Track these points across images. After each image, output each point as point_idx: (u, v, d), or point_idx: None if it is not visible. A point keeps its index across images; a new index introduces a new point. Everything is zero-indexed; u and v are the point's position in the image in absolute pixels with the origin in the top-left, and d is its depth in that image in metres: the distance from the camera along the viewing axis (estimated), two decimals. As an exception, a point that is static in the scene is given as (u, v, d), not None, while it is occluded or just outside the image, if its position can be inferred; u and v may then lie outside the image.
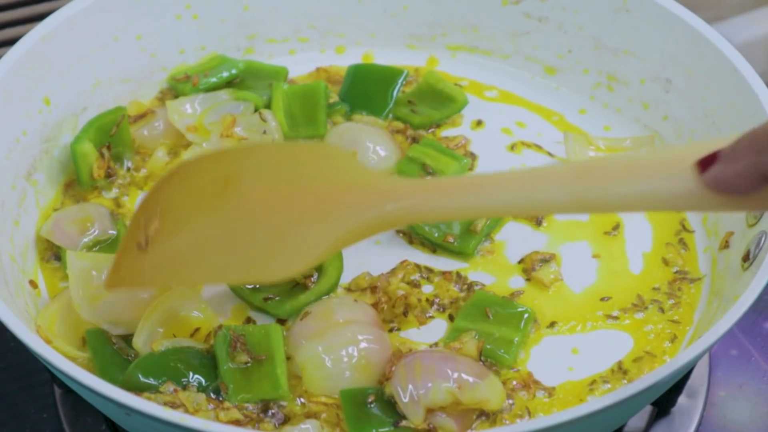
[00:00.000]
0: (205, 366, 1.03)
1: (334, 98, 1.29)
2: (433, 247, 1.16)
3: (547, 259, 1.14)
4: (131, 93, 1.29)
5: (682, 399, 1.12)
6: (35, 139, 1.19)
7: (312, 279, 1.11)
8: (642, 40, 1.27)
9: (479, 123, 1.29)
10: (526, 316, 1.08)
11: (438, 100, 1.29)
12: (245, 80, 1.30)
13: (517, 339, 1.06)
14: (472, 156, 1.25)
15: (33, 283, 1.13)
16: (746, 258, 1.07)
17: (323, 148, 1.04)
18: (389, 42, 1.37)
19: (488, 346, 1.06)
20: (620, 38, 1.28)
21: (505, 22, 1.33)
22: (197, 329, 1.06)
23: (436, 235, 1.15)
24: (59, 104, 1.22)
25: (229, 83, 1.29)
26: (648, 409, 1.12)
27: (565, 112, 1.31)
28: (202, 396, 1.00)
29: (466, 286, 1.12)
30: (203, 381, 1.02)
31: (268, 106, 1.26)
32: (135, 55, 1.28)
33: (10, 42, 1.21)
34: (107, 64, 1.26)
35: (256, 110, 1.24)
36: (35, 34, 1.19)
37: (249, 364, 1.03)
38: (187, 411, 0.98)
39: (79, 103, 1.24)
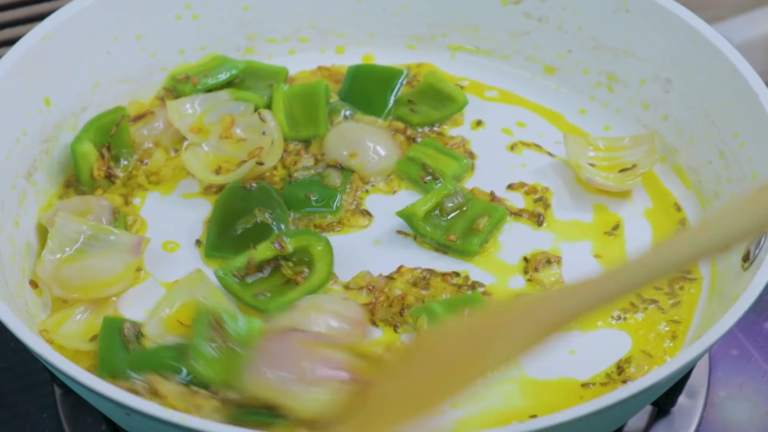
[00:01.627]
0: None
1: (334, 98, 1.29)
2: (436, 246, 1.16)
3: (550, 261, 1.14)
4: (131, 93, 1.29)
5: (682, 399, 1.12)
6: (35, 139, 1.19)
7: (302, 275, 1.12)
8: (642, 40, 1.27)
9: (479, 123, 1.29)
10: None
11: (438, 100, 1.29)
12: (245, 80, 1.30)
13: None
14: (472, 156, 1.25)
15: (33, 283, 1.13)
16: (746, 258, 1.07)
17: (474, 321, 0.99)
18: (389, 42, 1.37)
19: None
20: (620, 38, 1.28)
21: (505, 22, 1.33)
22: None
23: (439, 234, 1.15)
24: (59, 104, 1.22)
25: (229, 83, 1.29)
26: (648, 409, 1.12)
27: (565, 112, 1.31)
28: (182, 386, 1.00)
29: (466, 287, 1.12)
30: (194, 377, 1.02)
31: (268, 107, 1.26)
32: (135, 55, 1.28)
33: (10, 42, 1.21)
34: (107, 64, 1.26)
35: (256, 110, 1.24)
36: (35, 34, 1.19)
37: (221, 349, 1.02)
38: (166, 401, 0.98)
39: (79, 103, 1.24)
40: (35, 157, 1.19)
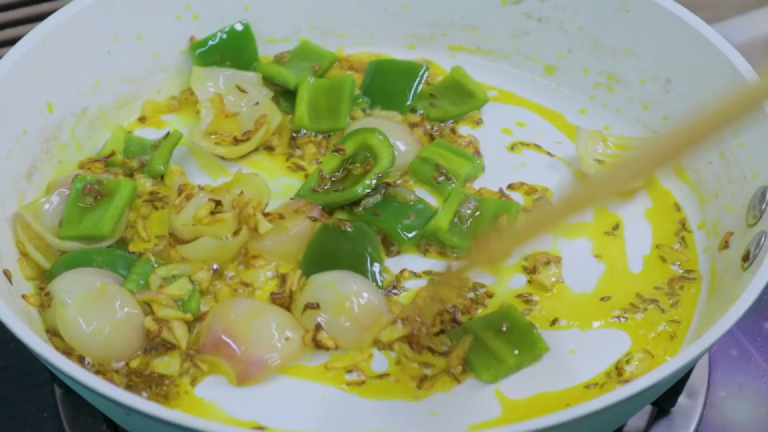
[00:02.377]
0: (125, 267, 1.10)
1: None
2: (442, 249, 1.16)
3: (550, 261, 1.14)
4: (131, 93, 1.29)
5: (682, 399, 1.12)
6: (35, 139, 1.19)
7: (370, 164, 1.17)
8: (642, 40, 1.27)
9: (479, 123, 1.29)
10: (539, 351, 1.06)
11: (459, 96, 1.30)
12: (294, 59, 1.31)
13: (512, 363, 1.05)
14: (478, 155, 1.25)
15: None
16: (746, 258, 1.07)
17: None
18: (389, 42, 1.37)
19: (475, 355, 1.05)
20: (620, 38, 1.28)
21: (505, 23, 1.33)
22: None
23: (466, 242, 1.14)
24: (60, 104, 1.22)
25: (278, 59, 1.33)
26: (648, 409, 1.12)
27: (565, 112, 1.31)
28: None
29: (466, 288, 1.12)
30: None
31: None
32: (135, 55, 1.28)
33: (10, 42, 1.21)
34: (107, 64, 1.26)
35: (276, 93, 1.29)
36: (35, 34, 1.19)
37: (91, 205, 1.13)
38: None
39: (80, 103, 1.24)
40: (35, 157, 1.19)
